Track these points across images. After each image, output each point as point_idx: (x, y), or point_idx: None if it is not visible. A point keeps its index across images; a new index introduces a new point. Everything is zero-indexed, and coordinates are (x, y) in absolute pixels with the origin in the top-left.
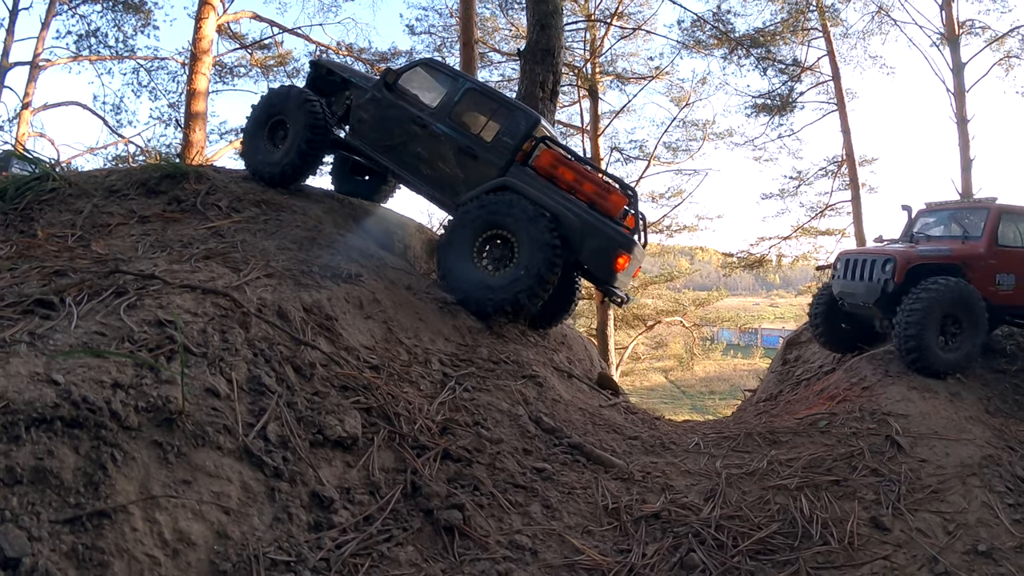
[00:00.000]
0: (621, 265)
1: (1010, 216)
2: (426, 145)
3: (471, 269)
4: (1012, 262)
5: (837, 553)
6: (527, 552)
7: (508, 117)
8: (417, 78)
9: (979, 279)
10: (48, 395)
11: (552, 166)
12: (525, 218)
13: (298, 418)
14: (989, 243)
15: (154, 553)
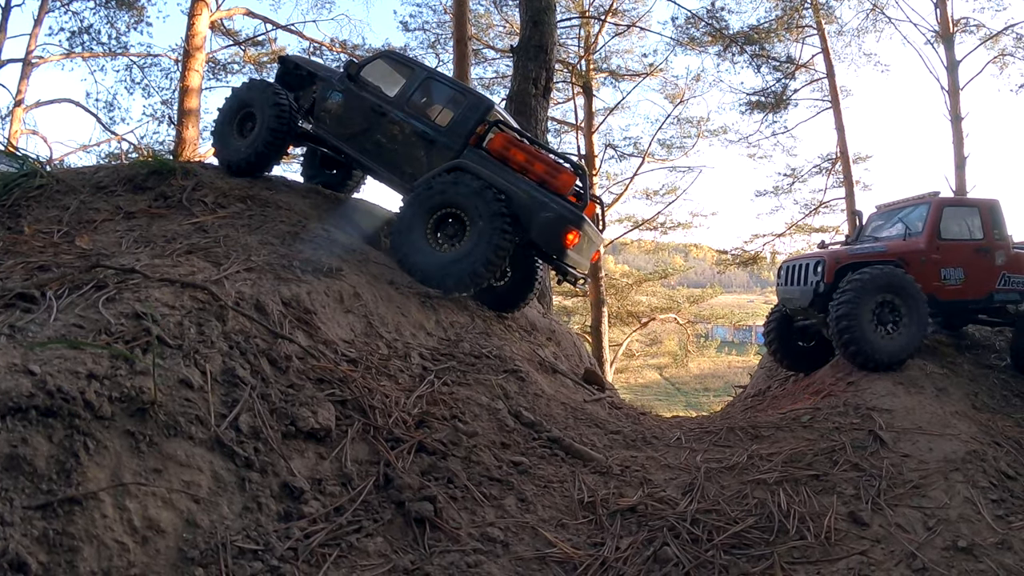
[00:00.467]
0: (571, 241)
1: (954, 209)
2: (385, 132)
3: (426, 248)
4: (958, 256)
5: (813, 548)
6: (498, 544)
7: (462, 103)
8: (379, 70)
9: (922, 275)
10: (24, 385)
11: (504, 148)
12: (473, 194)
13: (271, 410)
14: (930, 237)
15: (123, 539)
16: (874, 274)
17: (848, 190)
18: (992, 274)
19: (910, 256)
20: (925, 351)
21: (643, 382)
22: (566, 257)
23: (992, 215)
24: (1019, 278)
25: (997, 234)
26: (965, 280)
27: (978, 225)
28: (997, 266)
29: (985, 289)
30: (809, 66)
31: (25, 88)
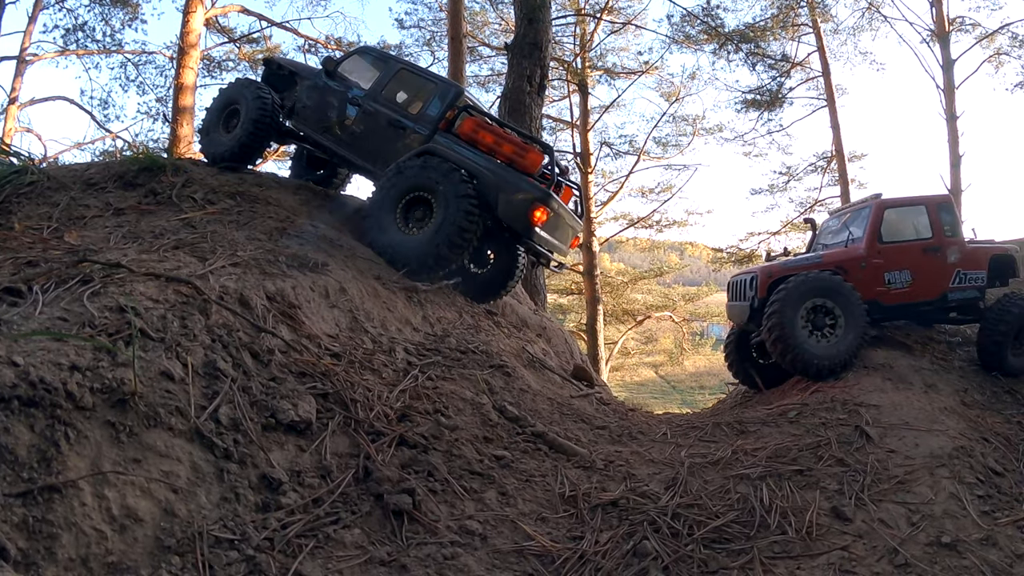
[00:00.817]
0: (538, 218)
1: (897, 211)
2: (361, 122)
3: (395, 231)
4: (904, 258)
5: (794, 543)
6: (476, 537)
7: (432, 91)
8: (355, 65)
9: (864, 281)
10: (7, 375)
11: (473, 131)
12: (441, 176)
13: (252, 402)
14: (870, 242)
15: (101, 527)
16: (801, 280)
17: (843, 188)
18: (945, 273)
19: (848, 264)
20: (915, 347)
21: (639, 380)
22: (534, 235)
23: (941, 212)
24: (976, 274)
25: (948, 231)
26: (913, 282)
27: (926, 224)
28: (950, 264)
29: (938, 289)
30: (805, 64)
31: (19, 85)
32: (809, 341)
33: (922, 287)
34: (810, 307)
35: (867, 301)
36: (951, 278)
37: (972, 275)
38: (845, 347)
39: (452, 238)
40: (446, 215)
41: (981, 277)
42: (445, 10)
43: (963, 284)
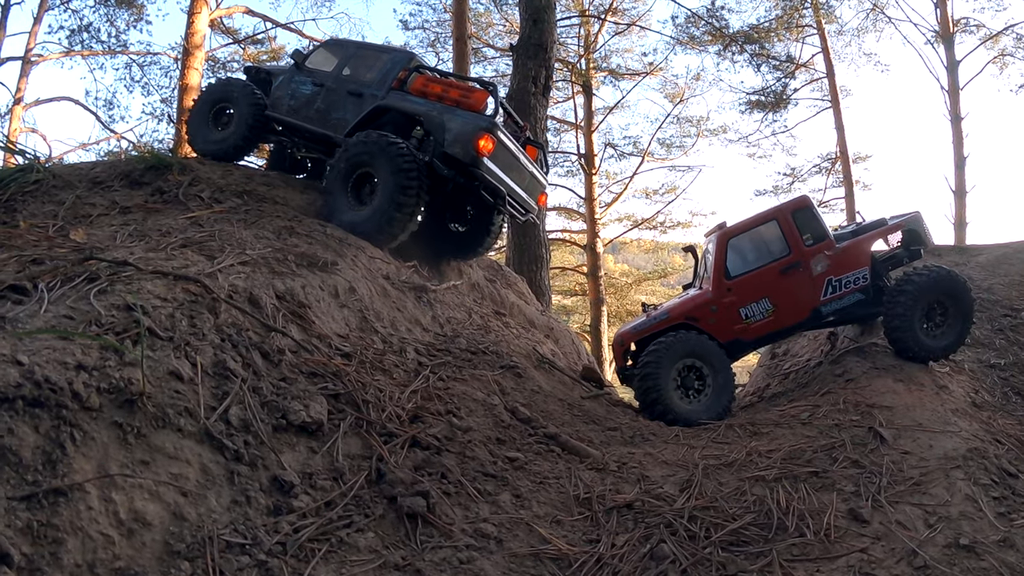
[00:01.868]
0: (483, 146)
1: (743, 236)
2: (324, 99)
3: (348, 210)
4: (758, 286)
5: (812, 545)
6: (492, 541)
7: (385, 59)
8: (321, 56)
9: (720, 324)
10: (11, 375)
11: (423, 86)
12: (377, 149)
13: (262, 403)
14: (717, 282)
15: (109, 532)
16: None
17: (848, 190)
18: (812, 289)
19: (697, 312)
20: None
21: None
22: (482, 164)
23: (795, 221)
24: (853, 276)
25: (809, 240)
26: (775, 309)
27: (779, 239)
28: (816, 276)
29: (806, 308)
30: (809, 65)
31: (24, 86)
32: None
33: (787, 312)
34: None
35: (728, 343)
36: (821, 291)
37: (848, 279)
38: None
39: (397, 205)
40: (386, 186)
41: (861, 276)
42: (450, 11)
43: (838, 292)
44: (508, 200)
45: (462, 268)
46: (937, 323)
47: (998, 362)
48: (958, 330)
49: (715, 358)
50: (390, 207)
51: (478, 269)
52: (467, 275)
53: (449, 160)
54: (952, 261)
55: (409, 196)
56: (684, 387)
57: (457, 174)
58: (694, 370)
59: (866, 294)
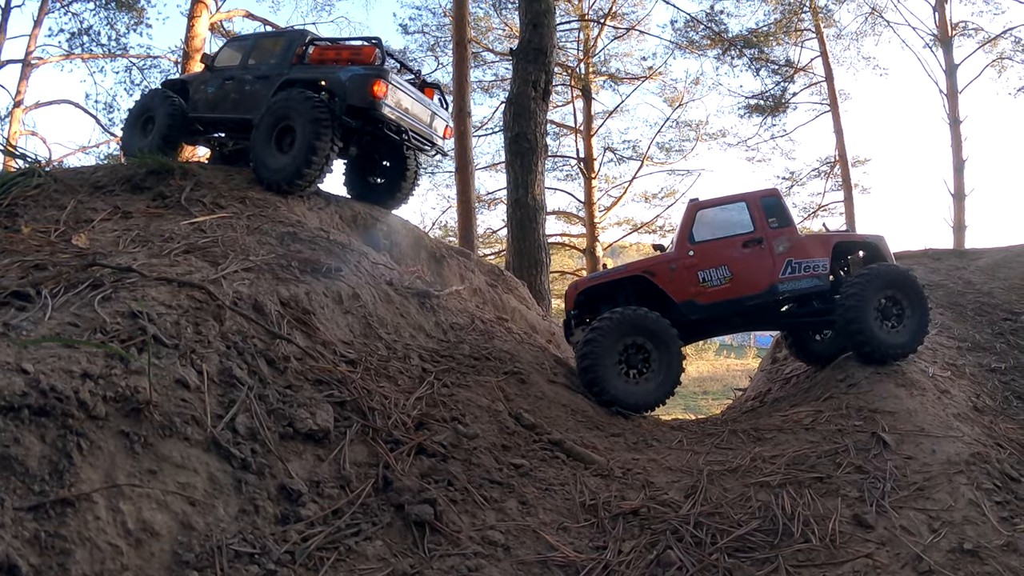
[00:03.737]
0: (378, 90)
1: (711, 210)
2: (236, 90)
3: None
4: (720, 254)
5: (818, 551)
6: (499, 548)
7: (282, 41)
8: (227, 54)
9: (676, 283)
10: (17, 383)
11: (319, 55)
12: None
13: (269, 411)
14: (680, 243)
15: (116, 542)
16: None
17: (847, 193)
18: (771, 264)
19: (657, 268)
20: (925, 353)
21: None
22: (380, 106)
23: (765, 207)
24: (814, 262)
25: (775, 223)
26: (733, 277)
27: (746, 219)
28: (778, 255)
29: (764, 282)
30: (808, 69)
31: (24, 89)
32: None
33: (744, 281)
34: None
35: (682, 302)
36: (780, 269)
37: (808, 263)
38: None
39: (313, 149)
40: (303, 134)
41: (821, 265)
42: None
43: (797, 274)
44: (411, 135)
45: (463, 273)
46: (894, 321)
47: (999, 366)
48: (915, 326)
49: (663, 335)
50: (308, 152)
51: (479, 274)
52: (468, 280)
53: (353, 111)
54: (952, 265)
55: (324, 141)
56: (628, 366)
57: (364, 123)
58: (640, 349)
59: (823, 282)
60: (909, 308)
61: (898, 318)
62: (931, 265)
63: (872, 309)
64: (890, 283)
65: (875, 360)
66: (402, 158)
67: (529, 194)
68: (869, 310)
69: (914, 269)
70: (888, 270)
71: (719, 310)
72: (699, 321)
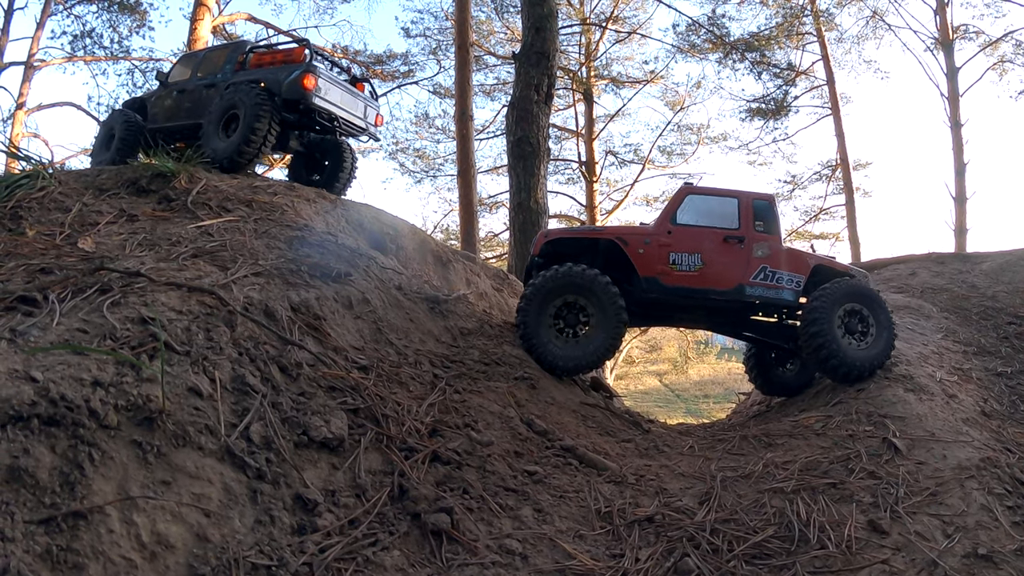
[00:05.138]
0: (308, 83)
1: (701, 198)
2: (189, 100)
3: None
4: (697, 242)
5: (835, 557)
6: (517, 557)
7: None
8: (179, 70)
9: (646, 257)
10: (26, 392)
11: (259, 60)
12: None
13: (283, 418)
14: (662, 221)
15: (131, 556)
16: (558, 272)
17: (848, 197)
18: (745, 265)
19: (630, 237)
20: (932, 357)
21: (643, 388)
22: (312, 97)
23: (755, 209)
24: (790, 276)
25: (760, 227)
26: (703, 267)
27: (733, 216)
28: (755, 258)
29: (733, 280)
30: (809, 73)
31: (27, 91)
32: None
33: (713, 275)
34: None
35: (646, 277)
36: (753, 272)
37: (783, 275)
38: (593, 348)
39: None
40: (245, 119)
41: (796, 281)
42: (452, 19)
43: (769, 282)
44: (343, 122)
45: (469, 277)
46: (860, 336)
47: (1005, 370)
48: (883, 340)
49: (601, 294)
50: (248, 132)
51: (485, 278)
52: (474, 284)
53: (289, 104)
54: (956, 269)
55: (262, 123)
56: (566, 325)
57: (300, 116)
58: (578, 308)
59: (792, 298)
60: (874, 322)
61: (863, 333)
62: (935, 269)
63: (836, 325)
64: (852, 297)
65: (843, 377)
66: (339, 153)
67: (531, 198)
68: (832, 325)
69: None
70: (848, 284)
71: (681, 295)
72: (658, 303)
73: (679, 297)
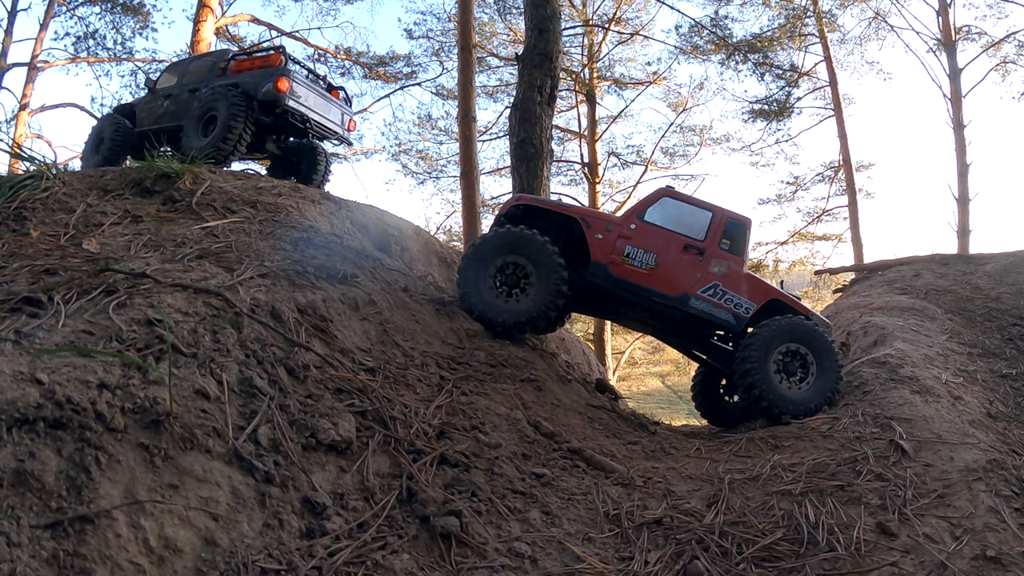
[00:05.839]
0: (282, 86)
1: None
2: (174, 104)
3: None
4: (656, 241)
5: (844, 559)
6: (526, 560)
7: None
8: (166, 77)
9: (603, 243)
10: (31, 395)
11: (238, 66)
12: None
13: (291, 421)
14: (629, 214)
15: (138, 560)
16: (498, 232)
17: (851, 198)
18: (697, 277)
19: (593, 221)
20: (937, 359)
21: (645, 390)
22: (285, 99)
23: (727, 227)
24: (741, 300)
25: (726, 246)
26: (655, 268)
27: (702, 228)
28: (709, 272)
29: (680, 288)
30: (812, 74)
31: (30, 92)
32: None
33: (663, 278)
34: (500, 264)
35: (595, 262)
36: (703, 286)
37: (735, 298)
38: (531, 304)
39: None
40: (222, 119)
41: (745, 306)
42: (454, 20)
43: (716, 300)
44: (315, 124)
45: None
46: (798, 379)
47: (1009, 372)
48: (822, 384)
49: (540, 255)
50: (224, 131)
51: None
52: None
53: (264, 106)
54: (960, 270)
55: (237, 122)
56: (508, 286)
57: (276, 119)
58: (517, 268)
59: (737, 323)
60: (815, 365)
61: (801, 376)
62: (939, 270)
63: (771, 362)
64: (794, 337)
65: (774, 418)
66: (314, 156)
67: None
68: (767, 363)
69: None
70: (792, 323)
71: (625, 289)
72: (604, 293)
73: (623, 290)
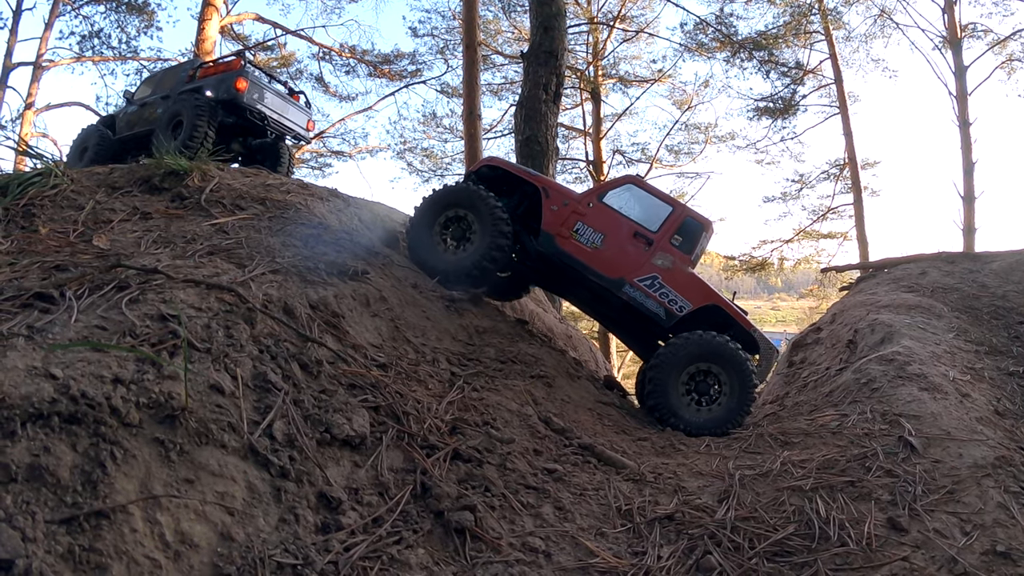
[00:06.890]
0: (240, 85)
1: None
2: (148, 111)
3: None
4: (607, 223)
5: (855, 555)
6: (540, 554)
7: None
8: (143, 88)
9: (556, 216)
10: (46, 390)
11: (205, 72)
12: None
13: (305, 416)
14: (589, 193)
15: (155, 555)
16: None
17: (856, 196)
18: (639, 265)
19: (554, 193)
20: (944, 356)
21: None
22: (243, 98)
23: (684, 225)
24: (678, 299)
25: (677, 243)
26: (599, 249)
27: (658, 220)
28: (653, 264)
29: (618, 272)
30: (817, 72)
31: (35, 91)
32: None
33: (604, 260)
34: (443, 220)
35: (544, 232)
36: (641, 275)
37: (672, 294)
38: (473, 255)
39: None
40: (187, 122)
41: (679, 304)
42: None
43: (653, 292)
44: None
45: None
46: (708, 398)
47: (1016, 370)
48: (732, 405)
49: (482, 207)
50: (191, 131)
51: None
52: None
53: (226, 106)
54: (966, 268)
55: (201, 122)
56: (454, 239)
57: (237, 118)
58: (460, 220)
59: (666, 318)
60: (728, 385)
61: (712, 396)
62: (945, 268)
63: (678, 382)
64: (703, 356)
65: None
66: (276, 155)
67: None
68: (672, 382)
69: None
70: (702, 340)
71: (565, 262)
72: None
73: (565, 264)
